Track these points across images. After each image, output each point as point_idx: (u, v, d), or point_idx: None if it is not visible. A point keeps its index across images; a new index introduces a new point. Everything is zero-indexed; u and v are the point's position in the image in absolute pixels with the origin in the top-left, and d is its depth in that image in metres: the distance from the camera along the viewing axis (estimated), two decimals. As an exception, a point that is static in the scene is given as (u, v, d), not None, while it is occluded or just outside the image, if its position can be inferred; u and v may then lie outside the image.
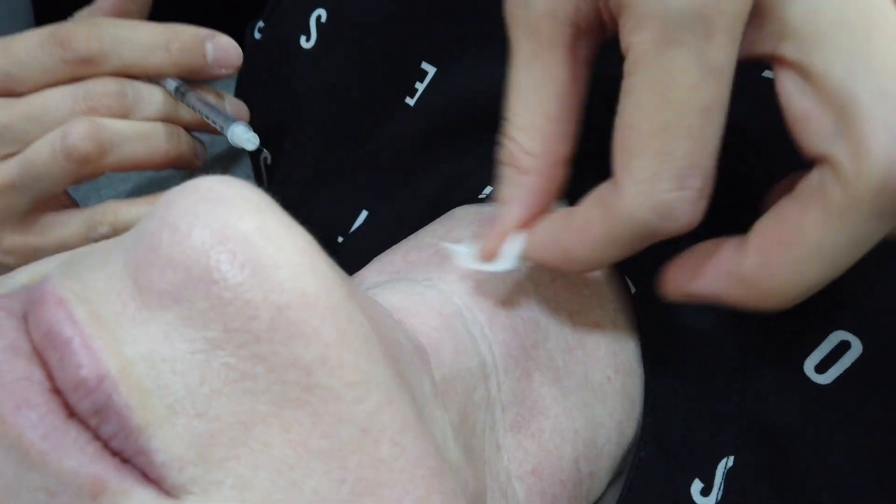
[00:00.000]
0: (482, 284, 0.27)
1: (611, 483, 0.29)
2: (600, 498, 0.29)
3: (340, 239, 0.38)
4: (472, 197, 0.32)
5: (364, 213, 0.37)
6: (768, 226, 0.20)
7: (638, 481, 0.28)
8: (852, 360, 0.25)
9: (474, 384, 0.24)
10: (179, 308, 0.16)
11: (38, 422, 0.15)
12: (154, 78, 0.33)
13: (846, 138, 0.18)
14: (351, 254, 0.35)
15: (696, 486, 0.26)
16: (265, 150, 0.43)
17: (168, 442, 0.16)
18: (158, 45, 0.31)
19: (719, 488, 0.26)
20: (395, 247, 0.31)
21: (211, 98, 0.33)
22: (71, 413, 0.16)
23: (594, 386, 0.27)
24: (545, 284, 0.28)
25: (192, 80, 0.34)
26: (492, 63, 0.31)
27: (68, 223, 0.34)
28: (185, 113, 0.34)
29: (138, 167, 0.33)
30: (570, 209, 0.23)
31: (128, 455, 0.16)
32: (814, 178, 0.19)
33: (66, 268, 0.18)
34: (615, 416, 0.28)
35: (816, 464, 0.25)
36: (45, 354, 0.16)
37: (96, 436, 0.16)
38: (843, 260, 0.19)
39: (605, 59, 0.22)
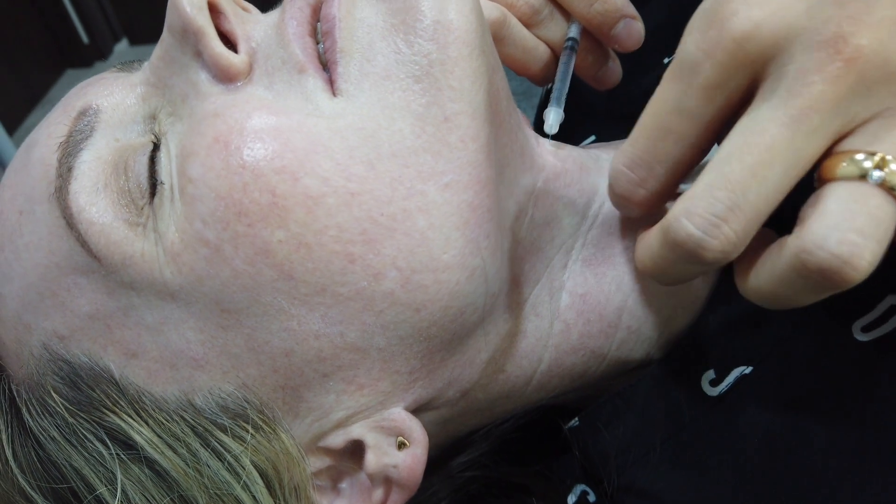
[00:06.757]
0: None
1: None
2: (637, 368, 0.34)
3: None
4: None
5: (592, 137, 0.47)
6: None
7: (669, 361, 0.33)
8: None
9: (571, 212, 0.33)
10: (388, 4, 0.29)
11: (296, 27, 0.29)
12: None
13: None
14: None
15: (708, 375, 0.31)
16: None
17: (347, 61, 0.29)
18: None
19: (727, 385, 0.30)
20: None
21: (570, 71, 0.36)
22: (313, 32, 0.30)
23: None
24: None
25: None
26: None
27: None
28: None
29: (509, 66, 0.37)
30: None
31: (328, 65, 0.29)
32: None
33: None
34: (676, 297, 0.32)
35: (819, 400, 0.28)
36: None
37: (315, 49, 0.29)
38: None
39: None
